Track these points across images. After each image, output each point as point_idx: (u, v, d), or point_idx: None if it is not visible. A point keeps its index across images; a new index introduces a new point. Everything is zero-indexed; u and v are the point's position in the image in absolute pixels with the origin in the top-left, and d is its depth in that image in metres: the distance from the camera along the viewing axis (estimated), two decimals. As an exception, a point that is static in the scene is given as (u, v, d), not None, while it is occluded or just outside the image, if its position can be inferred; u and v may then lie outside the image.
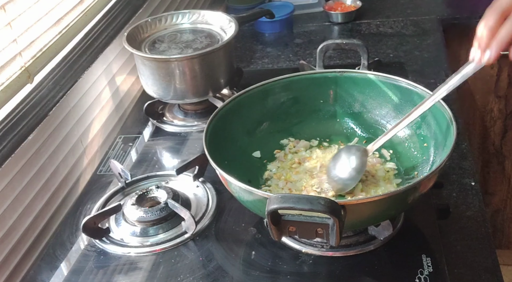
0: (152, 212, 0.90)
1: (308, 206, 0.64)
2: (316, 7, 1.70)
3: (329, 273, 0.79)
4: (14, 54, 0.92)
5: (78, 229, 0.93)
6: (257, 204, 0.76)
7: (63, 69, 1.07)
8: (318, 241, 0.83)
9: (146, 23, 1.22)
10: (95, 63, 1.16)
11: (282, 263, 0.81)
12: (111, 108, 1.23)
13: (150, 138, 1.17)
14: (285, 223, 0.70)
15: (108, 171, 1.06)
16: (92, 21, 1.18)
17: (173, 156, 1.11)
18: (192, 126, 1.19)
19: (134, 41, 1.17)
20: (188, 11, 1.26)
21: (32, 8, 0.96)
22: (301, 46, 1.53)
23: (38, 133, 0.96)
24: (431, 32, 1.52)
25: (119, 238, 0.90)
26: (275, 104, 0.99)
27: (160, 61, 1.11)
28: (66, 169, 1.05)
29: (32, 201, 0.95)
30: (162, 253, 0.86)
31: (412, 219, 0.86)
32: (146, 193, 0.94)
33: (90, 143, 1.14)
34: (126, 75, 1.30)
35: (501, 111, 1.73)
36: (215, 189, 0.97)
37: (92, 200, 0.99)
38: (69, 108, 1.07)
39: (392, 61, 1.39)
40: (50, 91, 1.02)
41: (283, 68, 1.42)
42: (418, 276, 0.75)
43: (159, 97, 1.17)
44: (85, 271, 0.85)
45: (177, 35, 1.21)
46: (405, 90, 0.93)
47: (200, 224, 0.90)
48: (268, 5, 1.65)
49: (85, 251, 0.89)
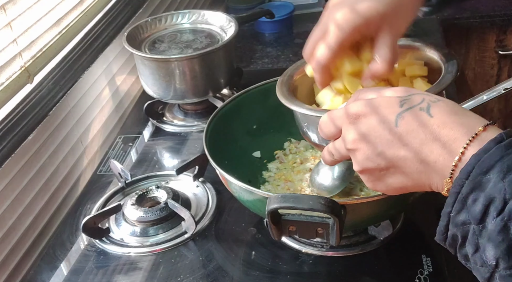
0: (152, 212, 0.90)
1: (308, 205, 0.64)
2: (316, 7, 1.70)
3: (329, 273, 0.79)
4: (14, 54, 0.91)
5: (78, 229, 0.93)
6: (257, 204, 0.76)
7: (63, 69, 1.07)
8: (318, 241, 0.83)
9: (146, 23, 1.22)
10: (95, 63, 1.16)
11: (282, 263, 0.81)
12: (111, 108, 1.23)
13: (150, 138, 1.17)
14: (285, 223, 0.70)
15: (108, 171, 1.06)
16: (92, 21, 1.18)
17: (173, 156, 1.11)
18: (192, 126, 1.19)
19: (134, 41, 1.17)
20: (188, 11, 1.26)
21: (32, 9, 0.96)
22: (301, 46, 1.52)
23: (38, 133, 0.96)
24: (431, 32, 1.51)
25: (119, 238, 0.90)
26: (275, 104, 0.99)
27: (160, 61, 1.11)
28: (66, 169, 1.05)
29: (32, 201, 0.95)
30: (162, 253, 0.86)
31: (412, 219, 0.86)
32: (146, 193, 0.94)
33: (90, 143, 1.14)
34: (126, 75, 1.30)
35: (501, 111, 1.73)
36: (215, 189, 0.97)
37: (92, 200, 0.99)
38: (69, 108, 1.07)
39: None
40: (50, 91, 1.02)
41: (283, 68, 1.41)
42: (418, 276, 0.75)
43: (159, 97, 1.17)
44: (85, 271, 0.85)
45: (177, 35, 1.21)
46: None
47: (200, 224, 0.90)
48: (268, 5, 1.65)
49: (85, 251, 0.89)
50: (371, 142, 0.56)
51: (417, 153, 0.53)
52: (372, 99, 0.58)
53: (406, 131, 0.53)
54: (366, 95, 0.59)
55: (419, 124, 0.53)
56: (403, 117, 0.54)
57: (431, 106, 0.53)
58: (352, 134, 0.57)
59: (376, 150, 0.55)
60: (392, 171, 0.56)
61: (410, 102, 0.55)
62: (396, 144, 0.54)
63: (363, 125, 0.56)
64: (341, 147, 0.60)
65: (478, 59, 1.67)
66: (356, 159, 0.58)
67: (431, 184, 0.54)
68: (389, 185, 0.58)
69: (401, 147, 0.54)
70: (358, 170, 0.59)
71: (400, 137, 0.54)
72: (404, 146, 0.53)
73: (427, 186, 0.54)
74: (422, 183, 0.55)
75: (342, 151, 0.61)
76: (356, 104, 0.58)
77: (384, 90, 0.59)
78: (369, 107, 0.57)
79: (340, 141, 0.60)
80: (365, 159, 0.57)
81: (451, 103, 0.54)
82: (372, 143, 0.56)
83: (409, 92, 0.57)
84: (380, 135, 0.55)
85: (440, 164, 0.51)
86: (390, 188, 0.58)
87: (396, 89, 0.58)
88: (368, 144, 0.56)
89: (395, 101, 0.56)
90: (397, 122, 0.54)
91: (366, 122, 0.56)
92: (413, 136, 0.53)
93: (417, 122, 0.53)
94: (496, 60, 1.66)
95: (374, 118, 0.56)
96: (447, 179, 0.51)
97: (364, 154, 0.57)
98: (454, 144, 0.50)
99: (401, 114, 0.54)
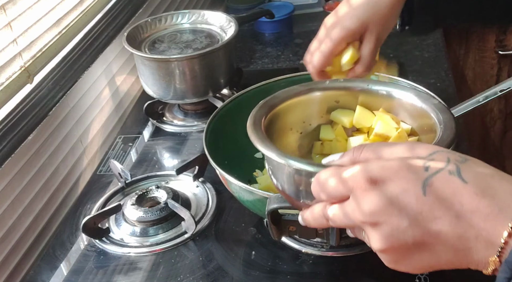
0: (152, 212, 0.90)
1: (308, 206, 0.64)
2: (316, 7, 1.70)
3: (329, 273, 0.79)
4: (14, 54, 0.91)
5: (78, 229, 0.93)
6: (257, 204, 0.76)
7: (63, 69, 1.07)
8: (318, 241, 0.83)
9: (146, 23, 1.22)
10: (95, 63, 1.16)
11: (282, 263, 0.81)
12: (111, 108, 1.23)
13: (150, 138, 1.17)
14: (285, 223, 0.70)
15: (108, 171, 1.06)
16: (92, 21, 1.18)
17: (173, 156, 1.11)
18: (192, 126, 1.19)
19: (134, 41, 1.17)
20: (188, 11, 1.26)
21: (32, 9, 0.96)
22: (301, 46, 1.53)
23: (38, 133, 0.96)
24: (431, 32, 1.51)
25: (119, 238, 0.90)
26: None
27: (160, 61, 1.11)
28: (66, 169, 1.05)
29: (32, 201, 0.95)
30: (162, 253, 0.86)
31: (412, 219, 0.85)
32: (146, 193, 0.94)
33: (90, 143, 1.14)
34: (126, 75, 1.30)
35: (501, 111, 1.73)
36: (215, 189, 0.97)
37: (92, 200, 0.99)
38: (69, 108, 1.07)
39: (392, 61, 1.39)
40: (50, 91, 1.02)
41: (283, 68, 1.41)
42: (418, 276, 0.75)
43: (159, 97, 1.17)
44: (85, 271, 0.85)
45: (177, 35, 1.21)
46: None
47: (200, 224, 0.90)
48: (268, 5, 1.65)
49: (85, 251, 0.89)
50: (396, 215, 0.46)
51: (453, 227, 0.44)
52: (388, 155, 0.49)
53: (438, 202, 0.44)
54: (368, 153, 0.51)
55: (453, 192, 0.44)
56: (432, 184, 0.45)
57: (461, 169, 0.45)
58: (370, 205, 0.46)
59: (402, 225, 0.45)
60: (422, 248, 0.46)
61: (437, 161, 0.46)
62: (425, 218, 0.45)
63: (383, 194, 0.46)
64: (355, 215, 0.48)
65: (478, 59, 1.67)
66: (376, 236, 0.47)
67: (470, 262, 0.45)
68: (417, 264, 0.48)
69: (433, 220, 0.44)
70: (381, 248, 0.48)
71: (430, 210, 0.44)
72: (436, 219, 0.44)
73: (464, 264, 0.46)
74: (458, 261, 0.46)
75: (349, 221, 0.50)
76: (369, 164, 0.48)
77: (389, 147, 0.50)
78: (387, 166, 0.47)
79: (354, 207, 0.48)
80: (390, 235, 0.46)
81: (479, 162, 0.47)
82: (396, 217, 0.46)
83: (430, 149, 0.48)
84: (406, 206, 0.45)
85: (484, 240, 0.43)
86: (418, 267, 0.49)
87: (401, 145, 0.50)
88: (393, 217, 0.46)
89: (417, 158, 0.47)
90: (425, 190, 0.45)
91: (387, 190, 0.46)
92: (447, 207, 0.44)
93: (450, 192, 0.44)
94: (496, 61, 1.66)
95: (396, 185, 0.46)
96: (493, 257, 0.42)
97: (387, 230, 0.46)
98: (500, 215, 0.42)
99: (429, 179, 0.45)
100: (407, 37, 1.50)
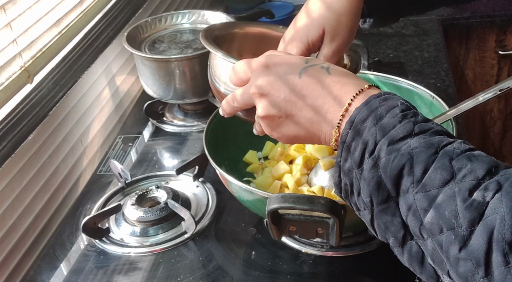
0: (152, 212, 0.90)
1: (309, 205, 0.64)
2: (316, 7, 1.70)
3: (329, 273, 0.79)
4: (14, 54, 0.91)
5: (78, 229, 0.93)
6: (257, 204, 0.76)
7: (63, 69, 1.07)
8: (318, 241, 0.83)
9: (146, 23, 1.22)
10: (95, 63, 1.16)
11: (282, 263, 0.81)
12: (111, 108, 1.23)
13: (150, 138, 1.17)
14: (285, 223, 0.70)
15: (108, 171, 1.06)
16: (92, 21, 1.18)
17: (173, 156, 1.11)
18: (192, 126, 1.19)
19: (134, 41, 1.17)
20: (188, 11, 1.26)
21: (32, 9, 0.96)
22: (301, 46, 1.53)
23: (38, 133, 0.96)
24: (431, 32, 1.52)
25: (119, 238, 0.90)
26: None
27: (160, 61, 1.11)
28: (66, 169, 1.05)
29: (32, 201, 0.95)
30: (162, 253, 0.86)
31: (412, 219, 0.85)
32: (146, 193, 0.94)
33: (90, 143, 1.14)
34: (126, 75, 1.30)
35: (501, 111, 1.73)
36: (215, 189, 0.97)
37: (92, 200, 0.99)
38: (69, 108, 1.07)
39: (392, 61, 1.39)
40: (50, 91, 1.02)
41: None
42: (418, 276, 0.75)
43: (159, 97, 1.17)
44: (85, 271, 0.85)
45: (177, 35, 1.21)
46: (405, 90, 0.93)
47: (200, 224, 0.90)
48: (268, 5, 1.65)
49: (85, 251, 0.89)
50: (277, 89, 0.60)
51: (312, 103, 0.58)
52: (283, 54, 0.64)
53: (307, 83, 0.59)
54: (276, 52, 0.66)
55: (318, 79, 0.59)
56: (306, 72, 0.60)
57: (330, 67, 0.60)
58: (262, 80, 0.61)
59: (280, 97, 0.60)
60: (289, 119, 0.60)
61: (314, 61, 0.61)
62: (296, 94, 0.59)
63: (272, 74, 0.61)
64: (247, 91, 0.63)
65: (478, 59, 1.67)
66: (262, 104, 0.61)
67: (321, 135, 0.58)
68: (284, 133, 0.62)
69: (300, 97, 0.59)
70: (261, 116, 0.62)
71: (301, 88, 0.59)
72: (302, 97, 0.59)
73: (317, 137, 0.59)
74: (313, 133, 0.59)
75: (246, 96, 0.64)
76: (269, 56, 0.63)
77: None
78: (279, 59, 0.62)
79: (247, 86, 0.64)
80: (269, 105, 0.61)
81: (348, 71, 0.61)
82: (277, 90, 0.60)
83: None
84: (285, 84, 0.60)
85: (331, 115, 0.57)
86: (284, 135, 0.62)
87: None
88: (274, 90, 0.60)
89: (302, 58, 0.63)
90: (300, 74, 0.59)
91: (275, 71, 0.61)
92: (312, 89, 0.58)
93: (317, 77, 0.59)
94: (496, 60, 1.67)
95: (282, 69, 0.61)
96: (335, 129, 0.56)
97: (269, 100, 0.60)
98: (343, 98, 0.56)
99: (305, 68, 0.60)
100: (407, 37, 1.51)
